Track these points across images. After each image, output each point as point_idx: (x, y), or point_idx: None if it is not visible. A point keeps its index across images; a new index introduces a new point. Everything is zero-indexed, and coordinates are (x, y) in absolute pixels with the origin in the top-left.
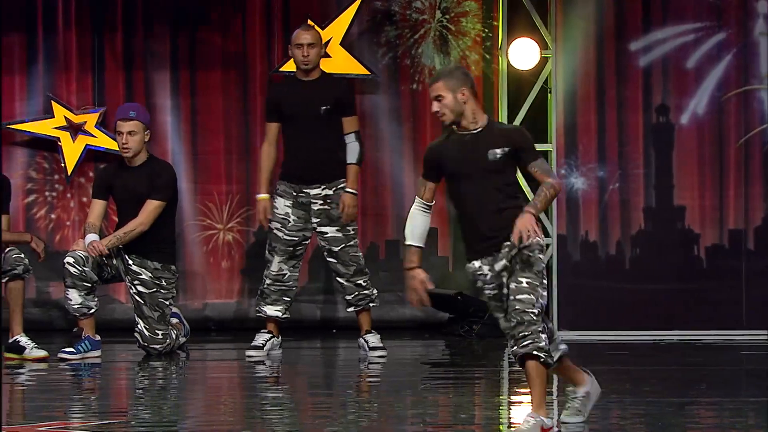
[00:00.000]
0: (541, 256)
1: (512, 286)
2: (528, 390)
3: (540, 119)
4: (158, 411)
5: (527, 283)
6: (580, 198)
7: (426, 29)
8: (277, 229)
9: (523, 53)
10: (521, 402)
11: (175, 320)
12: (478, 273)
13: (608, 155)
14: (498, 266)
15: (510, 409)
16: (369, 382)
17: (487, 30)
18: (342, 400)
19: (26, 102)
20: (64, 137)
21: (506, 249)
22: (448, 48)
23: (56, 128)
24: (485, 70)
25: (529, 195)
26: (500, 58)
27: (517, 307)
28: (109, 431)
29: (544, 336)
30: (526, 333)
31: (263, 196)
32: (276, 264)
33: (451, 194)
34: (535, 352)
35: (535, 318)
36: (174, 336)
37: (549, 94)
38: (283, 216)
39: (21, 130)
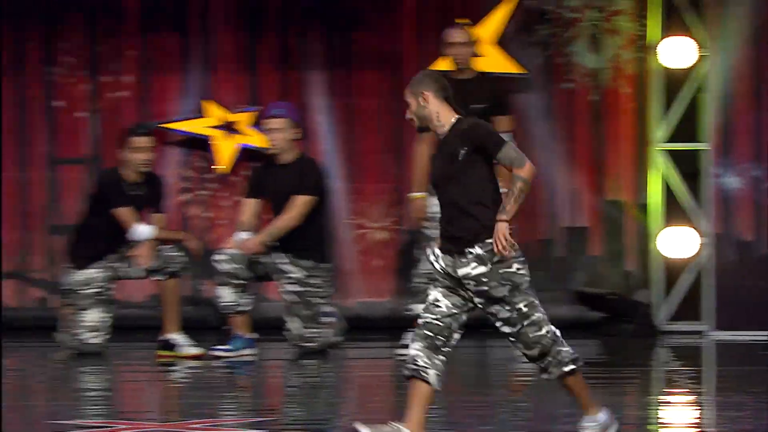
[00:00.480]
0: (521, 269)
1: (510, 315)
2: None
3: (695, 118)
4: (311, 409)
5: (525, 305)
6: (735, 197)
7: (579, 28)
8: (426, 227)
9: (677, 52)
10: (672, 402)
11: (328, 318)
12: (433, 260)
13: (764, 154)
14: (461, 272)
15: (661, 408)
16: (522, 381)
17: (640, 29)
18: (495, 399)
19: (181, 102)
20: (219, 136)
21: (472, 256)
22: (602, 46)
23: (211, 127)
24: (639, 69)
25: None
26: (654, 58)
27: (531, 335)
28: (261, 429)
29: (562, 348)
30: (550, 359)
31: (418, 195)
32: (424, 262)
33: None
34: (564, 369)
35: (550, 340)
36: (327, 334)
37: (704, 93)
38: (433, 215)
39: (176, 130)
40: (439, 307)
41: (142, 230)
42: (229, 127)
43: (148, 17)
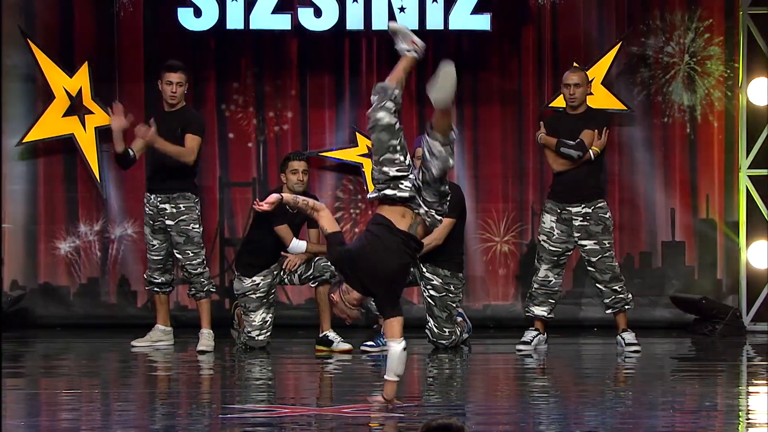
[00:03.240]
0: None
1: None
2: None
3: None
4: (446, 396)
5: None
6: None
7: (676, 70)
8: (543, 240)
9: (760, 91)
10: (759, 392)
11: (459, 319)
12: None
13: None
14: None
15: (748, 397)
16: (625, 373)
17: (728, 71)
18: (601, 389)
19: (335, 133)
20: (367, 163)
21: None
22: (695, 87)
23: (360, 155)
24: (727, 106)
25: None
26: (740, 96)
27: None
28: (404, 413)
29: None
30: None
31: None
32: (543, 271)
33: None
34: None
35: None
36: (458, 333)
37: None
38: (548, 229)
39: (330, 157)
40: None
41: (297, 245)
42: None
43: (306, 62)
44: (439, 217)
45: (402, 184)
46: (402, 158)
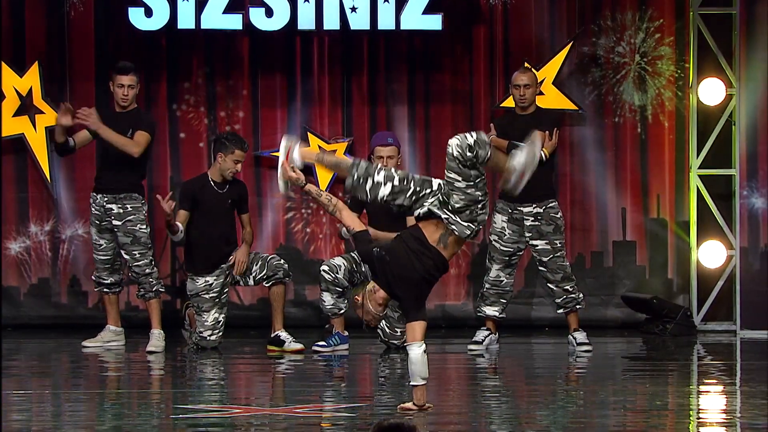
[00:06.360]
0: None
1: None
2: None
3: (725, 148)
4: (398, 396)
5: None
6: (760, 215)
7: (627, 70)
8: (495, 240)
9: (710, 90)
10: (709, 391)
11: None
12: None
13: None
14: None
15: (699, 397)
16: (576, 373)
17: (679, 71)
18: (552, 389)
19: (286, 133)
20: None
21: None
22: (646, 87)
23: None
24: (678, 106)
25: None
26: (691, 95)
27: None
28: (355, 413)
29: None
30: None
31: None
32: (494, 271)
33: None
34: None
35: None
36: None
37: (733, 126)
38: (500, 229)
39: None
40: None
41: (178, 233)
42: None
43: (258, 62)
44: (465, 223)
45: (425, 201)
46: (428, 191)
